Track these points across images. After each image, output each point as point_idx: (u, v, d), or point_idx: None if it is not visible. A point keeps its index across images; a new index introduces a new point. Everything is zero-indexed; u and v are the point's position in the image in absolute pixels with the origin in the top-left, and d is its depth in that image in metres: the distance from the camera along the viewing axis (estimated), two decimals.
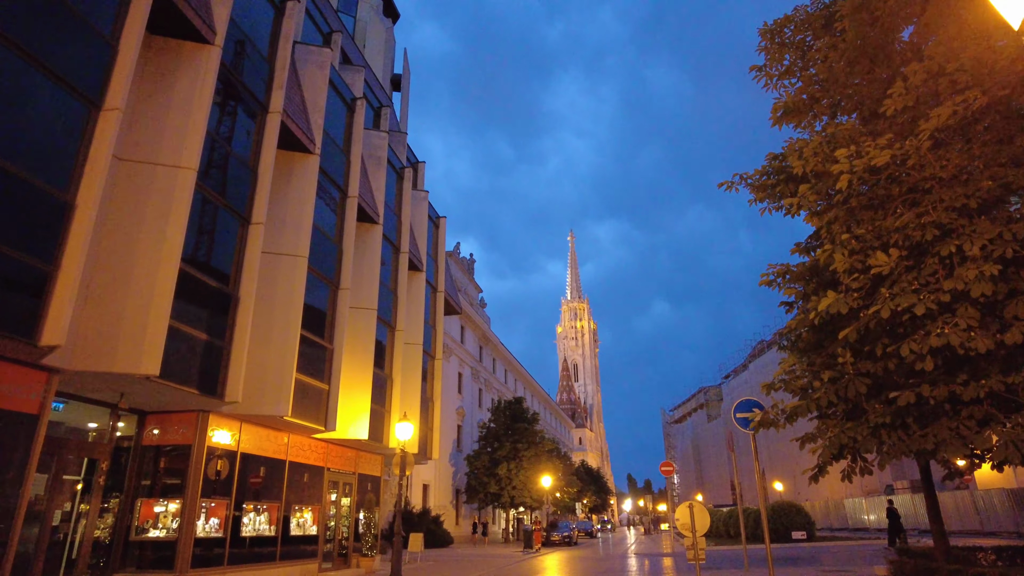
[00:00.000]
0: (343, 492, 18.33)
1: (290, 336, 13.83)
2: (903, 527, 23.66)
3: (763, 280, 10.51)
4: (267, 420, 14.10)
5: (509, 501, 40.89)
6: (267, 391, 13.34)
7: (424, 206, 23.70)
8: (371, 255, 18.64)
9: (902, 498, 37.25)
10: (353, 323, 17.51)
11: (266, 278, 14.03)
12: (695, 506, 11.36)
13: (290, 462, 15.51)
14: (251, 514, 14.04)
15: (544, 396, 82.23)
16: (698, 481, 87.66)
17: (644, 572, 17.48)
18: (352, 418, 16.80)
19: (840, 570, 14.90)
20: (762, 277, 10.59)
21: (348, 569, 17.71)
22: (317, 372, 15.29)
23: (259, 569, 13.99)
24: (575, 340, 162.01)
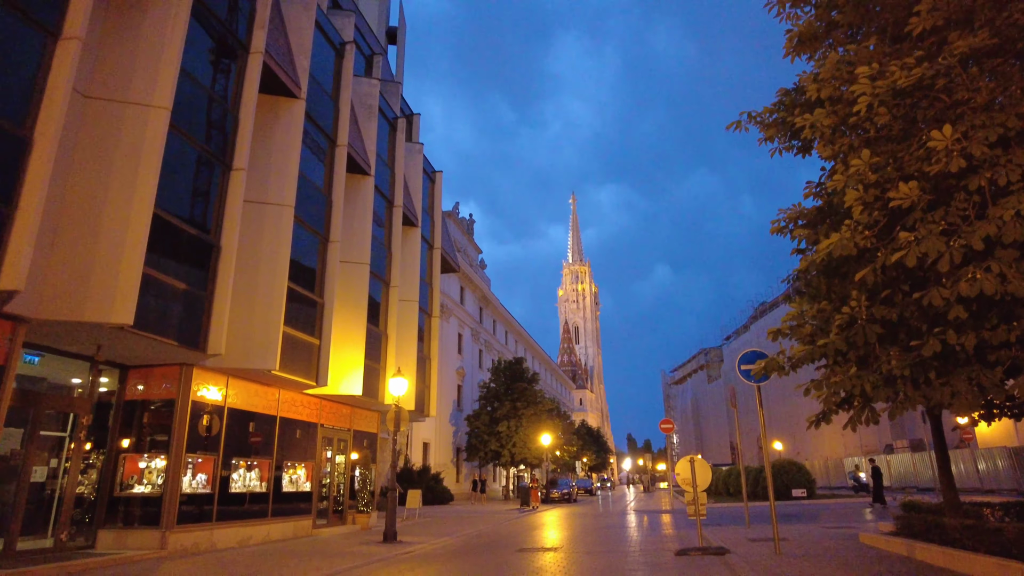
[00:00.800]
0: (338, 449, 18.07)
1: (277, 288, 13.30)
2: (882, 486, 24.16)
3: (774, 227, 9.91)
4: (255, 375, 13.69)
5: (509, 459, 41.05)
6: (253, 345, 12.88)
7: (419, 159, 22.92)
8: (363, 208, 17.98)
9: (901, 456, 37.30)
10: (345, 277, 16.96)
11: (251, 228, 13.46)
12: (696, 461, 10.98)
13: (281, 418, 15.16)
14: (241, 470, 13.73)
15: (545, 358, 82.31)
16: (697, 441, 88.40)
17: (643, 529, 17.30)
18: (345, 374, 16.40)
19: (842, 526, 14.64)
20: (772, 224, 9.98)
21: (343, 526, 17.55)
22: (307, 326, 14.81)
23: (250, 525, 13.75)
24: (576, 303, 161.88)
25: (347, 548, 13.18)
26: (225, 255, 12.05)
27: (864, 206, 7.42)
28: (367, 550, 12.85)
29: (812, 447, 53.67)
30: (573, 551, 11.97)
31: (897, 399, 7.24)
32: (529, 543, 13.75)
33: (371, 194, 18.18)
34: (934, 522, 9.13)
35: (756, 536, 12.87)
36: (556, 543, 13.63)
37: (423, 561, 11.21)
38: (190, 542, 11.93)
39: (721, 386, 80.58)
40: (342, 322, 16.61)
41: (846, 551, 10.16)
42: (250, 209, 13.54)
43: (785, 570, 8.32)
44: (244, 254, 13.18)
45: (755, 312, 72.44)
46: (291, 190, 14.03)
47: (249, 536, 13.65)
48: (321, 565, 10.60)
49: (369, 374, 17.25)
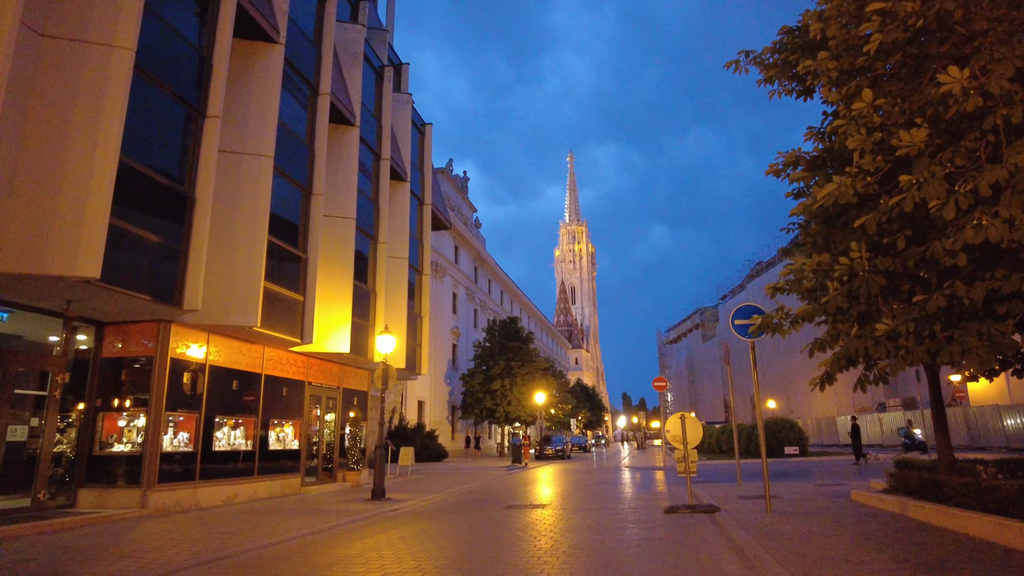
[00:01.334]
0: (327, 407, 17.87)
1: (257, 242, 12.82)
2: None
3: (770, 169, 9.40)
4: (238, 332, 13.33)
5: (503, 416, 41.24)
6: (233, 300, 12.47)
7: (408, 110, 22.15)
8: (347, 160, 17.36)
9: (894, 415, 37.52)
10: (330, 232, 16.47)
11: (228, 180, 12.91)
12: (687, 417, 10.73)
13: (267, 376, 14.87)
14: (225, 429, 13.50)
15: (541, 318, 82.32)
16: (692, 400, 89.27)
17: (634, 485, 17.26)
18: (332, 331, 16.06)
19: (835, 483, 14.56)
20: (770, 167, 9.48)
21: (333, 483, 17.48)
22: (290, 282, 14.39)
23: (235, 483, 13.59)
24: (573, 263, 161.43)
25: (334, 506, 13.05)
26: (200, 207, 11.55)
27: (866, 151, 6.94)
28: (354, 507, 12.71)
29: (805, 405, 54.11)
30: (562, 508, 11.83)
31: (898, 355, 6.90)
32: (519, 500, 13.64)
33: (356, 146, 17.53)
34: (929, 479, 8.93)
35: (747, 494, 12.75)
36: (546, 500, 13.52)
37: (409, 518, 11.05)
38: (172, 501, 11.75)
39: (716, 345, 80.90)
40: (328, 279, 16.19)
41: (838, 508, 10.00)
42: (227, 160, 12.98)
43: (775, 528, 8.12)
44: (222, 207, 12.67)
45: (752, 271, 72.22)
46: (270, 140, 13.43)
47: (235, 494, 13.50)
48: (304, 523, 10.42)
49: (357, 332, 16.93)
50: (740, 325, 10.43)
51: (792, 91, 9.86)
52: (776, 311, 8.83)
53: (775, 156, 9.49)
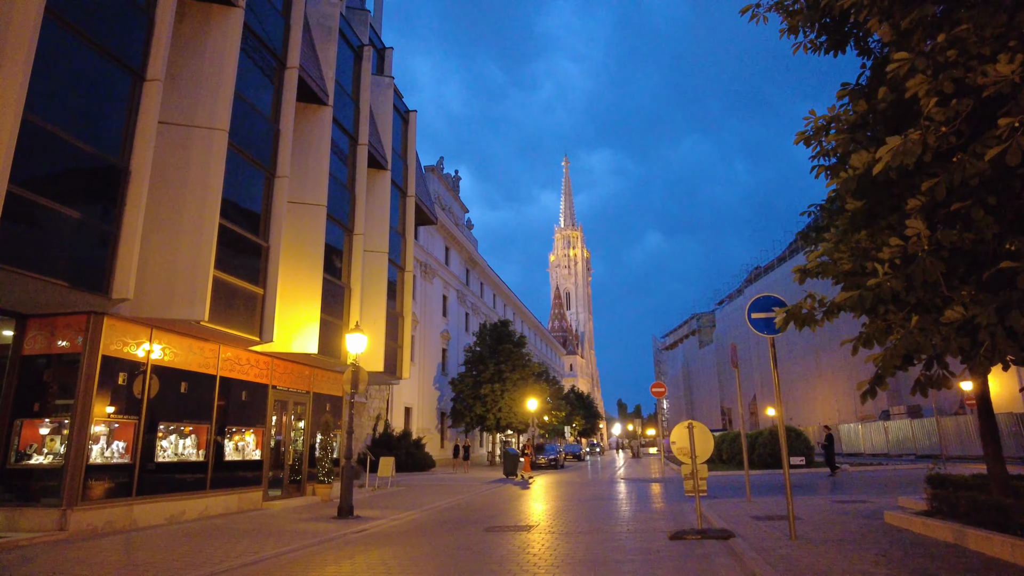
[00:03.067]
0: (295, 413, 16.30)
1: (206, 225, 11.29)
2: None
3: (799, 137, 7.95)
4: (186, 327, 11.78)
5: (495, 424, 39.64)
6: (177, 291, 10.93)
7: (389, 94, 20.67)
8: (319, 142, 15.86)
9: (899, 423, 36.10)
10: (297, 220, 14.96)
11: (174, 154, 11.42)
12: (695, 427, 9.22)
13: (223, 378, 13.31)
14: (171, 437, 11.92)
15: (534, 322, 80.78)
16: (688, 407, 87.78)
17: (633, 501, 15.73)
18: (299, 330, 14.52)
19: (855, 500, 13.06)
20: (799, 135, 8.03)
21: (301, 497, 15.88)
22: (249, 273, 12.85)
23: (182, 499, 12.00)
24: (568, 268, 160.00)
25: (292, 525, 11.48)
26: (136, 181, 10.03)
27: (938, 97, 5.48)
28: (315, 528, 11.15)
29: (805, 413, 52.70)
30: (550, 530, 10.29)
31: (980, 352, 5.41)
32: (502, 519, 12.09)
33: (328, 127, 16.03)
34: (988, 503, 7.44)
35: (761, 513, 11.24)
36: (533, 519, 11.97)
37: (374, 542, 9.50)
38: (101, 521, 10.16)
39: (712, 351, 79.50)
40: (294, 271, 14.67)
41: (875, 535, 8.50)
42: (174, 133, 11.50)
43: (808, 563, 6.62)
44: (166, 184, 11.18)
45: (749, 276, 70.96)
46: (224, 112, 11.92)
47: (182, 512, 11.90)
48: (249, 548, 8.86)
49: (328, 331, 15.38)
50: (758, 319, 8.95)
51: (820, 45, 8.43)
52: (806, 299, 7.34)
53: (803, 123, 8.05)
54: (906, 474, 21.98)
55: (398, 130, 21.88)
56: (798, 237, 9.84)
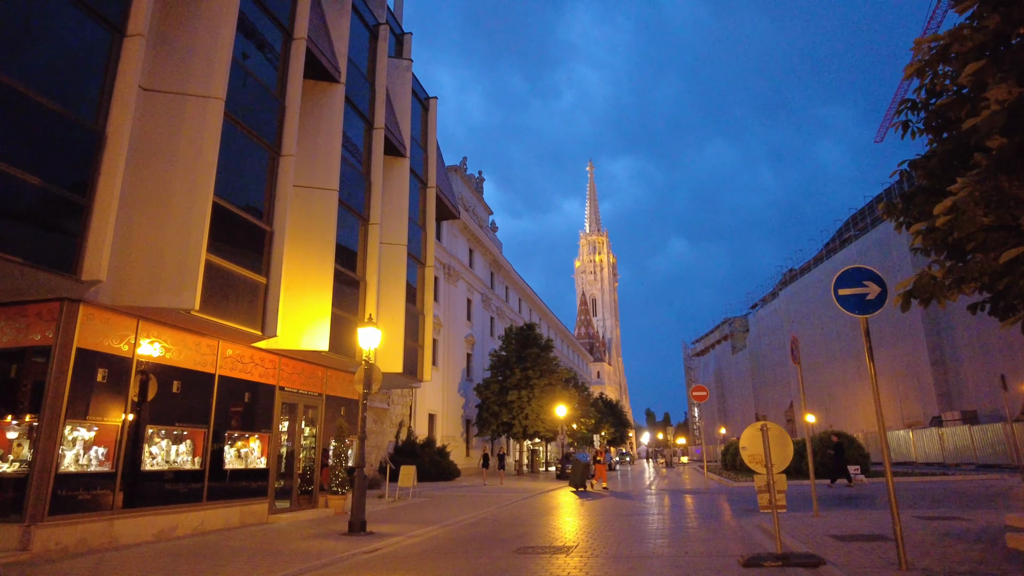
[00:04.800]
0: (306, 417, 14.96)
1: (197, 203, 10.01)
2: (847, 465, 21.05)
3: (910, 71, 6.37)
4: (177, 319, 10.50)
5: (521, 431, 38.02)
6: (164, 276, 9.65)
7: (408, 78, 19.39)
8: (329, 122, 14.59)
9: (957, 430, 33.59)
10: (306, 205, 13.69)
11: (164, 125, 10.20)
12: (771, 429, 7.59)
13: (223, 377, 12.01)
14: (162, 442, 10.61)
15: (561, 328, 79.06)
16: (721, 414, 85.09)
17: (680, 515, 14.05)
18: (307, 325, 13.20)
19: (947, 517, 11.21)
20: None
21: (312, 510, 14.49)
22: (249, 260, 11.56)
23: (174, 512, 10.67)
24: (593, 274, 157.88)
25: (295, 543, 10.07)
26: (112, 148, 8.79)
27: None
28: (320, 546, 9.73)
29: (847, 419, 50.07)
30: (593, 553, 8.71)
31: None
32: (534, 538, 10.54)
33: (340, 106, 14.75)
34: None
35: (841, 531, 9.50)
36: (570, 538, 10.39)
37: (384, 566, 8.04)
38: (73, 539, 8.85)
39: (746, 356, 76.85)
40: (302, 261, 13.38)
41: (1003, 563, 6.77)
42: (164, 101, 10.28)
43: None
44: (153, 157, 9.96)
45: (783, 278, 68.49)
46: (220, 80, 10.66)
47: (173, 527, 10.58)
48: (238, 572, 7.47)
49: (340, 327, 14.02)
50: (848, 296, 7.31)
51: None
52: (932, 267, 5.72)
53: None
54: (973, 486, 19.86)
55: (417, 117, 20.59)
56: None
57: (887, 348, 46.55)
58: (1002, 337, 36.06)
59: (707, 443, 72.92)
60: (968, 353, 39.37)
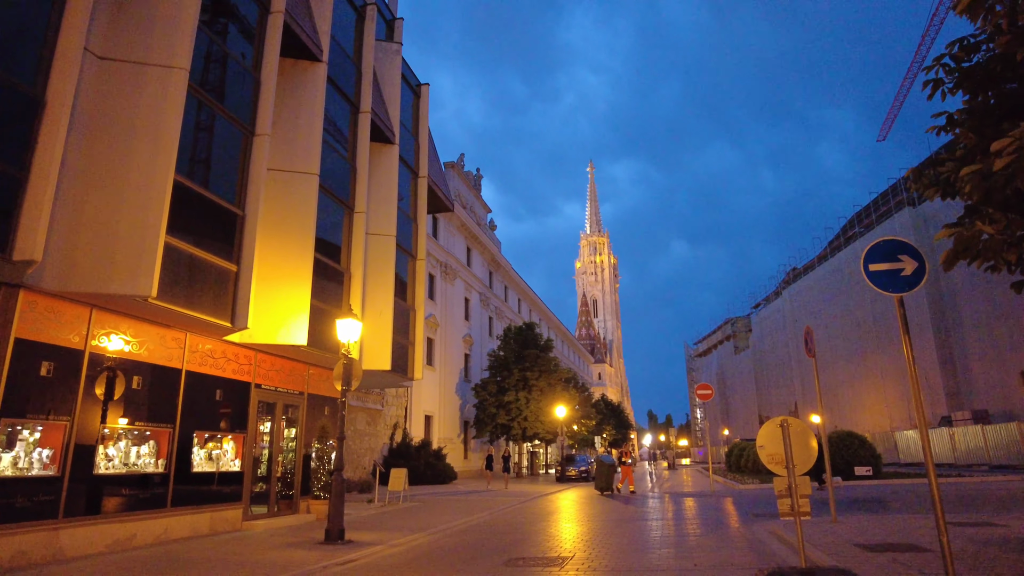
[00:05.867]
0: (286, 417, 14.05)
1: (157, 179, 9.12)
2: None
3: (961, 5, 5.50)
4: (135, 308, 9.59)
5: (520, 433, 37.07)
6: (118, 259, 8.76)
7: (397, 63, 18.50)
8: (311, 103, 13.69)
9: (969, 430, 32.59)
10: (284, 190, 12.80)
11: (120, 96, 9.34)
12: (791, 425, 6.67)
13: (189, 372, 11.10)
14: (119, 443, 9.70)
15: (562, 329, 78.10)
16: (723, 415, 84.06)
17: (686, 521, 13.14)
18: (285, 318, 12.28)
19: (980, 523, 10.26)
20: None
21: (292, 515, 13.57)
22: (218, 246, 10.66)
23: (131, 520, 9.75)
24: (594, 275, 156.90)
25: (264, 553, 9.16)
26: (52, 115, 7.92)
27: None
28: (290, 557, 8.81)
29: (853, 419, 49.06)
30: (591, 566, 7.78)
31: None
32: (527, 547, 9.61)
33: (322, 87, 13.86)
34: None
35: (867, 539, 8.55)
36: (566, 547, 9.46)
37: None
38: (10, 551, 7.92)
39: (749, 356, 75.86)
40: (280, 249, 12.47)
41: None
42: (122, 71, 9.42)
43: None
44: (109, 130, 9.10)
45: (787, 277, 67.54)
46: (183, 48, 9.77)
47: (131, 536, 9.66)
48: None
49: (321, 320, 13.11)
50: (879, 272, 6.39)
51: None
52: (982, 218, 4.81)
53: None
54: (992, 488, 18.89)
55: (408, 104, 19.69)
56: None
57: (893, 346, 45.54)
58: (1014, 334, 35.10)
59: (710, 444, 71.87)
60: (978, 351, 38.38)
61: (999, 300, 35.86)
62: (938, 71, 6.99)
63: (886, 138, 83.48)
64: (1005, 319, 35.66)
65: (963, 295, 39.19)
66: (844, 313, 50.80)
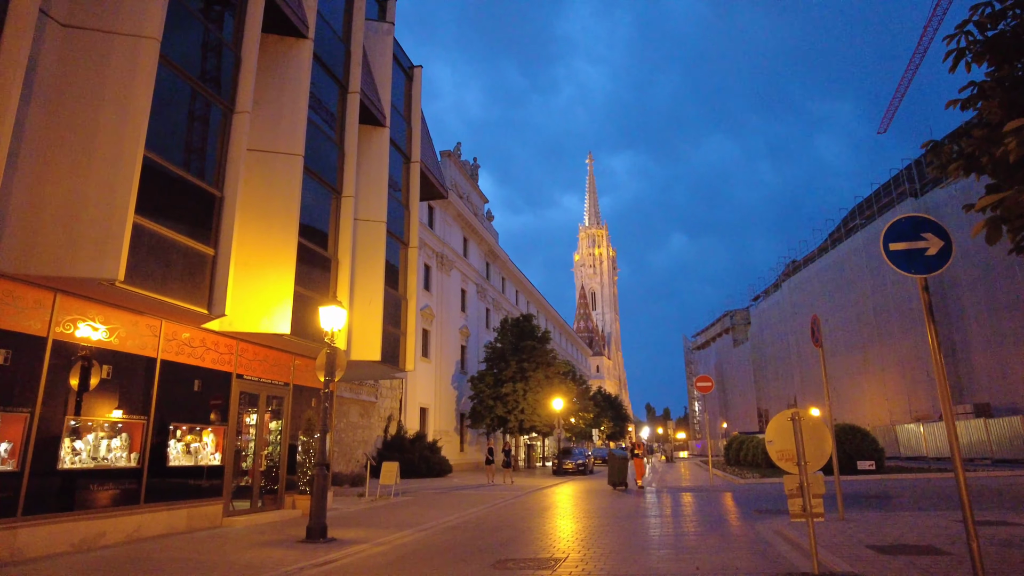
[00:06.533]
0: (271, 409, 13.51)
1: (125, 154, 8.55)
2: None
3: None
4: (103, 293, 9.03)
5: (517, 426, 36.61)
6: (83, 240, 8.20)
7: (389, 43, 17.86)
8: (295, 81, 13.07)
9: (973, 423, 32.15)
10: (266, 170, 12.21)
11: (85, 67, 8.76)
12: (803, 419, 6.14)
13: (165, 361, 10.54)
14: (88, 436, 9.16)
15: (560, 321, 77.61)
16: (722, 408, 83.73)
17: (686, 518, 12.66)
18: (267, 305, 11.72)
19: (997, 522, 9.75)
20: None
21: (276, 511, 13.06)
22: (194, 228, 10.09)
23: (101, 517, 9.22)
24: (593, 268, 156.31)
25: (240, 553, 8.63)
26: (4, 77, 7.31)
27: None
28: (268, 556, 8.29)
29: (853, 413, 48.65)
30: (584, 569, 7.26)
31: None
32: (518, 546, 9.09)
33: (307, 64, 13.24)
34: None
35: (879, 541, 8.04)
36: (560, 547, 8.95)
37: None
38: None
39: (748, 350, 75.43)
40: (263, 233, 11.89)
41: None
42: (86, 40, 8.85)
43: None
44: (71, 103, 8.54)
45: (787, 269, 67.03)
46: (154, 18, 9.15)
47: (100, 534, 9.13)
48: None
49: (305, 308, 12.54)
50: (900, 252, 5.85)
51: None
52: None
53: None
54: (999, 483, 18.44)
55: (400, 86, 19.05)
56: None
57: (893, 339, 45.10)
58: (1017, 326, 34.63)
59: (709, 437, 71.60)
60: (980, 343, 37.93)
61: (1001, 291, 35.40)
62: (960, 40, 6.42)
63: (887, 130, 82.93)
64: (1008, 310, 35.19)
65: (964, 286, 38.70)
66: (845, 305, 50.34)
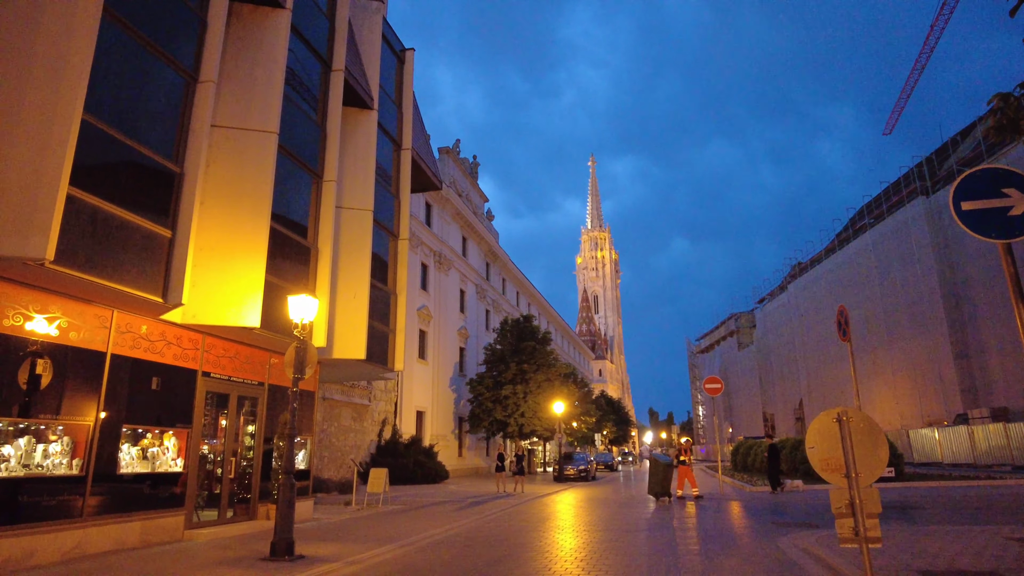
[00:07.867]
0: (243, 410, 12.39)
1: (59, 118, 7.47)
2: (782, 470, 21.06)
3: None
4: (36, 276, 7.93)
5: (517, 430, 35.41)
6: (7, 215, 7.11)
7: (378, 22, 16.78)
8: (269, 54, 11.98)
9: (989, 428, 30.86)
10: (235, 148, 11.10)
11: (10, 19, 7.65)
12: (853, 420, 5.00)
13: (117, 356, 9.43)
14: (19, 440, 8.04)
15: (562, 324, 76.42)
16: (726, 412, 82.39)
17: (705, 536, 11.51)
18: (235, 295, 10.59)
19: None
20: None
21: (247, 522, 11.91)
22: (148, 206, 8.99)
23: (32, 532, 8.08)
24: (595, 271, 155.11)
25: (191, 573, 7.50)
26: None
27: None
28: None
29: None
30: None
31: None
32: (512, 565, 7.94)
33: (284, 34, 12.15)
34: None
35: (931, 565, 6.88)
36: (558, 568, 7.78)
37: None
38: None
39: (753, 353, 74.11)
40: (231, 217, 10.77)
41: None
42: None
43: None
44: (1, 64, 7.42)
45: (792, 271, 65.80)
46: None
47: (29, 553, 8.00)
48: None
49: (278, 299, 11.40)
50: (974, 212, 4.72)
51: None
52: None
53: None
54: None
55: (390, 69, 17.99)
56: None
57: (905, 341, 43.87)
58: None
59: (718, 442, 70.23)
60: (996, 344, 36.63)
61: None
62: None
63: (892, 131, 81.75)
64: None
65: (978, 286, 37.47)
66: (854, 306, 49.04)
